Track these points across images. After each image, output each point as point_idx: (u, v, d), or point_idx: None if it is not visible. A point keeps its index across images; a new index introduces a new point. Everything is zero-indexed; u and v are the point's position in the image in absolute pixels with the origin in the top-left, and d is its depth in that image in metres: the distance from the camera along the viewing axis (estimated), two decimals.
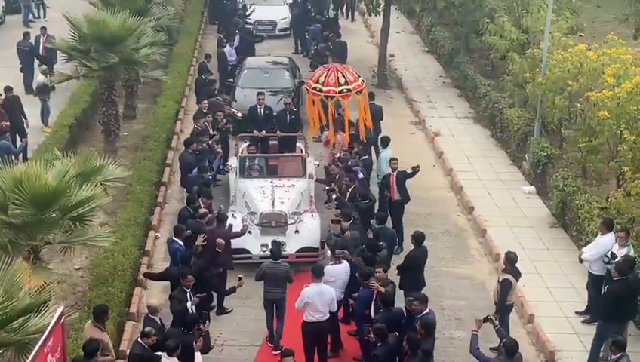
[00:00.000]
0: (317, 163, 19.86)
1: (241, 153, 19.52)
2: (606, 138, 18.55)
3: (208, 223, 15.79)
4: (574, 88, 19.82)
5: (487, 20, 26.21)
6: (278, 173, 18.86)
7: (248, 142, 20.19)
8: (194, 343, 12.39)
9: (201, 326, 12.88)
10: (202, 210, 16.05)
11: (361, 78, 19.74)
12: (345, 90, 19.11)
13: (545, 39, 21.22)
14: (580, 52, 20.51)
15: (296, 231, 17.13)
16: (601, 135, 18.48)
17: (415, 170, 18.11)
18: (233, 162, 19.57)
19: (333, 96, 19.11)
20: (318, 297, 13.35)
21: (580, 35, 26.37)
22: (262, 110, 21.79)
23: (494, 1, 27.06)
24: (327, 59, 26.46)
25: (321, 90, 19.18)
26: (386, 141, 19.44)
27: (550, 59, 20.87)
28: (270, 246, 15.52)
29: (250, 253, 16.78)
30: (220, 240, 15.01)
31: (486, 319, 12.74)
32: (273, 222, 17.18)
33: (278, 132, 20.80)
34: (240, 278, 14.87)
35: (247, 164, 19.02)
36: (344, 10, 35.91)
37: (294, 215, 17.30)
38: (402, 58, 31.38)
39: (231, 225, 16.23)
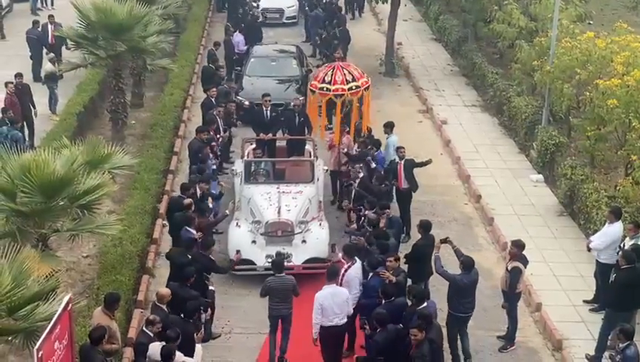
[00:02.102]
0: (326, 168, 18.96)
1: (247, 157, 18.70)
2: (614, 126, 18.50)
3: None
4: (583, 76, 19.73)
5: (496, 8, 26.11)
6: (285, 177, 18.11)
7: (254, 145, 19.32)
8: (195, 335, 12.43)
9: (203, 314, 12.89)
10: (187, 201, 15.85)
11: (365, 75, 19.19)
12: (354, 87, 18.40)
13: (553, 27, 21.13)
14: (588, 40, 20.44)
15: (304, 241, 16.29)
16: (609, 123, 18.42)
17: (427, 162, 18.05)
18: (238, 166, 18.66)
19: (343, 95, 18.38)
20: (332, 299, 12.92)
21: (589, 23, 26.26)
22: (268, 112, 20.78)
23: None
24: (334, 46, 26.40)
25: (329, 90, 18.39)
26: (390, 126, 19.37)
27: (559, 47, 20.79)
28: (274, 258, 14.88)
29: (255, 264, 16.02)
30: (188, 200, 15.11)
31: (444, 240, 13.88)
32: (279, 232, 16.33)
33: (285, 134, 20.15)
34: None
35: (252, 168, 18.13)
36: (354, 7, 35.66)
37: (301, 224, 16.45)
38: (410, 46, 31.28)
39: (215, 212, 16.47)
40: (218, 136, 19.70)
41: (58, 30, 24.20)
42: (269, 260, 15.43)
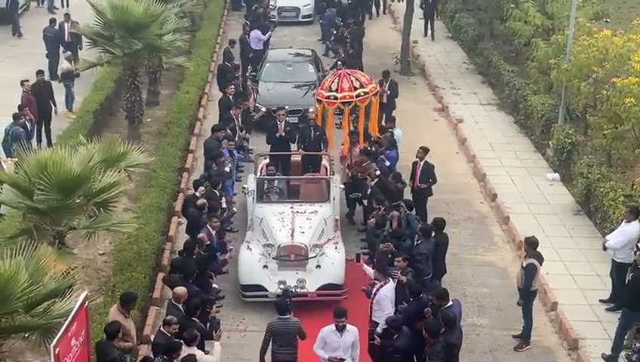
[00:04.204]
0: (342, 186, 18.01)
1: (260, 173, 17.92)
2: (632, 125, 18.41)
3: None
4: (600, 74, 19.64)
5: (512, 6, 26.02)
6: (299, 196, 17.32)
7: (267, 160, 18.51)
8: (214, 332, 12.44)
9: (207, 309, 12.89)
10: (200, 201, 15.78)
11: (374, 81, 18.59)
12: (362, 94, 17.67)
13: (570, 25, 21.04)
14: (605, 38, 20.32)
15: (318, 266, 15.36)
16: (626, 122, 18.33)
17: (430, 183, 17.71)
18: (250, 184, 17.74)
19: (351, 102, 17.68)
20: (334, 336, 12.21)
21: (606, 21, 26.11)
22: (282, 126, 19.56)
23: None
24: (346, 44, 26.35)
25: (336, 98, 17.65)
26: (393, 119, 19.29)
27: (575, 45, 20.69)
28: (281, 292, 14.24)
29: (267, 291, 15.17)
30: (202, 235, 14.82)
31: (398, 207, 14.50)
32: (292, 256, 15.41)
33: (301, 149, 19.30)
34: (231, 249, 14.90)
35: (265, 186, 17.34)
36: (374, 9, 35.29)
37: (316, 247, 15.55)
38: (425, 44, 31.22)
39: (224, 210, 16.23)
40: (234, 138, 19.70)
41: (75, 28, 24.31)
42: (281, 286, 14.96)
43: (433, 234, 14.88)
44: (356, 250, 16.66)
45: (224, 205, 16.83)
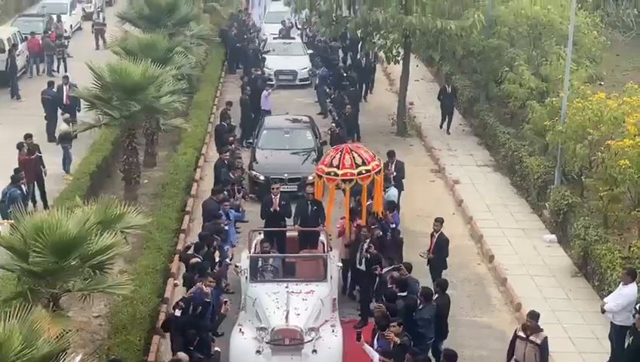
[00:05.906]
0: (340, 264, 17.30)
1: (254, 249, 17.08)
2: (627, 187, 18.47)
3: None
4: (595, 136, 19.77)
5: (506, 69, 26.31)
6: (295, 274, 16.53)
7: (262, 236, 17.74)
8: None
9: None
10: (193, 260, 15.64)
11: (377, 157, 18.09)
12: (364, 171, 17.16)
13: (564, 88, 21.25)
14: (600, 100, 20.52)
15: (314, 351, 14.49)
16: (622, 184, 18.40)
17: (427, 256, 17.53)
18: (244, 262, 16.84)
19: (352, 180, 17.24)
20: None
21: (600, 84, 26.42)
22: (277, 201, 18.77)
23: (513, 50, 27.18)
24: (344, 106, 26.56)
25: (336, 174, 17.20)
26: (387, 179, 19.42)
27: (570, 108, 20.87)
28: None
29: None
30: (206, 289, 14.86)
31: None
32: (287, 340, 14.53)
33: (297, 224, 18.43)
34: (225, 302, 14.74)
35: (259, 265, 16.53)
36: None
37: (312, 331, 14.69)
38: (421, 106, 31.44)
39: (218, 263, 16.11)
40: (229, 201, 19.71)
41: (73, 90, 24.52)
42: None
43: (436, 296, 14.78)
44: (353, 311, 16.53)
45: (217, 258, 16.67)
